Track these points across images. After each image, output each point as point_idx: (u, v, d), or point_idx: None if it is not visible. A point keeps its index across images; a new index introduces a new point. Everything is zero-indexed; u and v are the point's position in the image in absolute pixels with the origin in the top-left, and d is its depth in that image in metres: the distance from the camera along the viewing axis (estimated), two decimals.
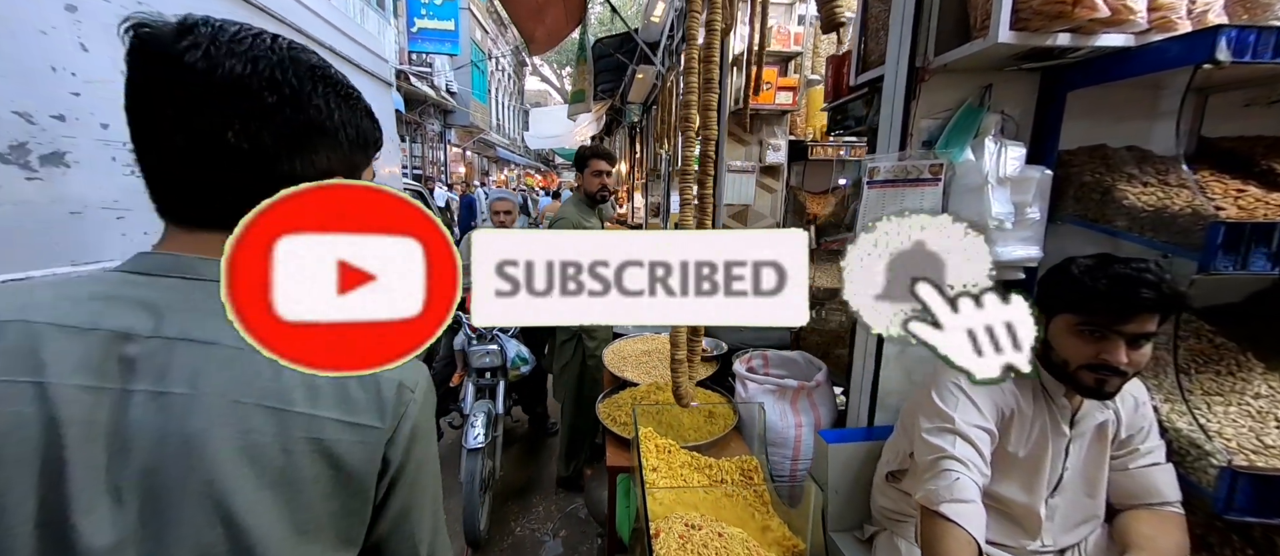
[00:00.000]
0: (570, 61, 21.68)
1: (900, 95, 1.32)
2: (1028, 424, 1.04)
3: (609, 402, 1.73)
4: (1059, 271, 1.00)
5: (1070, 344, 0.96)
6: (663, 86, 4.05)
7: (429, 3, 9.51)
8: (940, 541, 0.84)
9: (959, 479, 0.91)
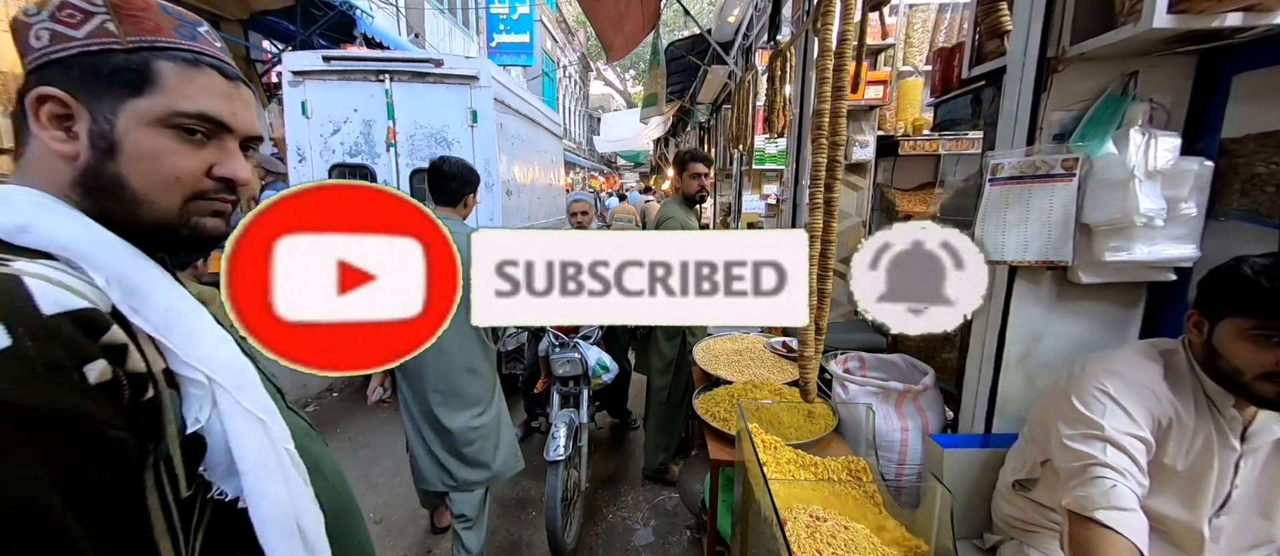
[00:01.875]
0: (634, 65, 22.02)
1: (1028, 87, 1.26)
2: (1189, 435, 0.96)
3: (706, 399, 1.79)
4: (1227, 272, 0.91)
5: (1243, 351, 0.88)
6: (739, 85, 4.04)
7: (506, 18, 10.10)
8: (1099, 550, 0.81)
9: (1115, 486, 0.86)
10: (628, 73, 25.29)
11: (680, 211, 2.47)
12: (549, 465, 1.96)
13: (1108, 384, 0.97)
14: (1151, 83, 1.19)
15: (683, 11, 4.98)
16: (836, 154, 0.85)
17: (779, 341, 2.22)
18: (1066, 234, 1.23)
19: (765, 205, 6.03)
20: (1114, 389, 0.96)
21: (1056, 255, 1.25)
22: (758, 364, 2.07)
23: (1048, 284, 1.32)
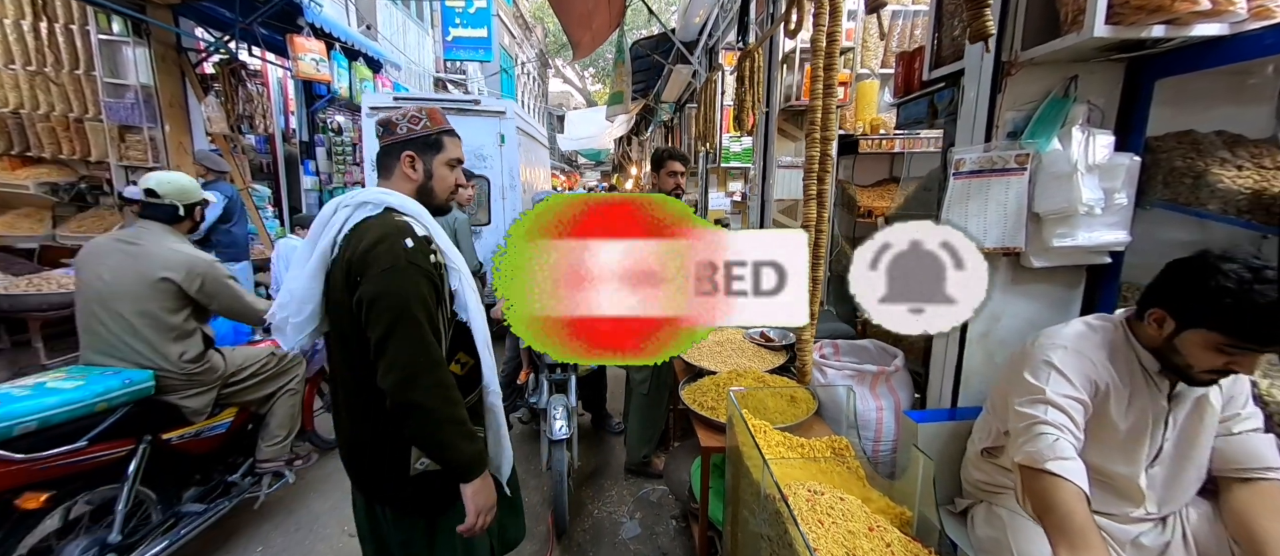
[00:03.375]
0: (594, 63, 21.89)
1: (986, 89, 1.37)
2: (1126, 398, 1.09)
3: (692, 389, 1.84)
4: (1197, 278, 0.94)
5: (1205, 358, 0.95)
6: (705, 85, 4.13)
7: (463, 12, 9.80)
8: (1051, 495, 0.91)
9: (1057, 439, 0.97)
10: (587, 70, 25.10)
11: None
12: (553, 444, 2.08)
13: (1052, 356, 1.09)
14: (1089, 86, 1.33)
15: (647, 10, 5.01)
16: (828, 148, 0.91)
17: (757, 331, 2.30)
18: (1020, 222, 1.36)
19: (731, 202, 6.18)
20: (1057, 359, 1.07)
21: (1012, 242, 1.37)
22: (738, 354, 2.14)
23: (1004, 268, 1.45)
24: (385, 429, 1.09)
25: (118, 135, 4.78)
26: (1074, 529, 0.85)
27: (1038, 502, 0.95)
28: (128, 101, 4.70)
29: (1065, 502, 0.88)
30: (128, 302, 1.74)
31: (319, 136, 7.33)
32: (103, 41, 4.61)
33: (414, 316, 1.00)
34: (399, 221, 1.07)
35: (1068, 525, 0.86)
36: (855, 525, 0.99)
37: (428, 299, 1.03)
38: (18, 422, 1.43)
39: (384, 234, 1.03)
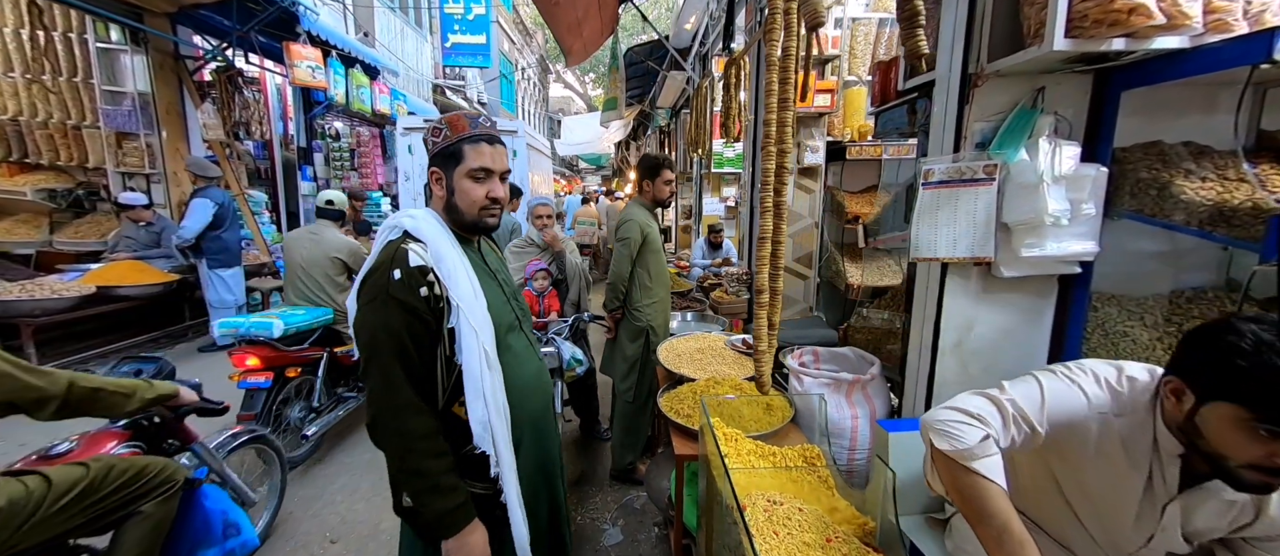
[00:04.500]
0: (594, 68, 22.00)
1: (954, 100, 1.38)
2: (1118, 463, 0.95)
3: (670, 396, 1.84)
4: (1216, 346, 0.80)
5: (1233, 439, 0.79)
6: (697, 91, 4.16)
7: (461, 19, 9.87)
8: (984, 500, 0.88)
9: (988, 437, 0.91)
10: (587, 75, 25.22)
11: (643, 213, 2.52)
12: None
13: (1045, 378, 1.01)
14: (1056, 97, 1.34)
15: (641, 17, 5.05)
16: (785, 160, 0.92)
17: (738, 339, 2.30)
18: (989, 232, 1.37)
19: (724, 208, 6.20)
20: (1048, 382, 1.00)
21: (981, 251, 1.38)
22: (719, 361, 2.14)
23: (975, 278, 1.46)
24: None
25: (115, 142, 4.83)
26: (1014, 542, 0.84)
27: (968, 506, 0.91)
28: (125, 108, 4.75)
29: (1001, 511, 0.87)
30: (316, 269, 2.95)
31: (317, 142, 7.37)
32: (101, 49, 4.67)
33: (382, 356, 0.96)
34: (400, 250, 1.02)
35: (1006, 538, 0.85)
36: (810, 536, 0.99)
37: (402, 335, 0.96)
38: (289, 328, 2.57)
39: (379, 262, 1.02)
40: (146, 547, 1.32)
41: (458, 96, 11.24)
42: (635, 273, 2.48)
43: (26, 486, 1.15)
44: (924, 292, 1.54)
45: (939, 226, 1.41)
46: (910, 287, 1.66)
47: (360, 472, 2.76)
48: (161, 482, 1.36)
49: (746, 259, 3.56)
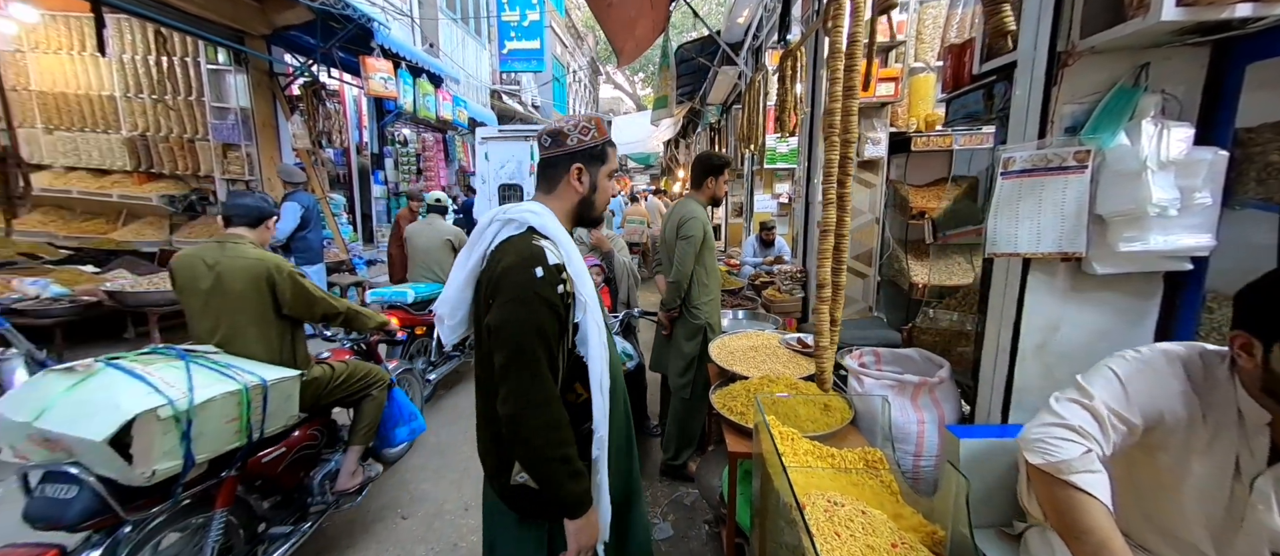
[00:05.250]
0: (643, 67, 22.10)
1: (1039, 81, 1.28)
2: (1204, 443, 0.91)
3: (723, 394, 1.83)
4: (1274, 282, 0.82)
5: None
6: (749, 86, 4.07)
7: (517, 25, 10.25)
8: (1081, 516, 0.82)
9: (1089, 450, 0.86)
10: (637, 75, 25.38)
11: (703, 211, 2.53)
12: None
13: (1117, 366, 0.97)
14: (1163, 74, 1.20)
15: (692, 14, 5.02)
16: (848, 151, 0.89)
17: (794, 337, 2.24)
18: (1080, 225, 1.25)
19: (777, 204, 6.04)
20: (1122, 370, 0.95)
21: (1070, 246, 1.26)
22: (773, 359, 2.10)
23: (1063, 275, 1.34)
24: (498, 437, 1.12)
25: (221, 152, 5.44)
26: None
27: (1063, 520, 0.86)
28: (229, 122, 5.34)
29: (1100, 528, 0.80)
30: (434, 252, 3.78)
31: (387, 148, 7.92)
32: (210, 71, 5.27)
33: (532, 352, 0.99)
34: (535, 246, 1.03)
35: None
36: (877, 540, 0.95)
37: (549, 333, 1.00)
38: (418, 297, 3.38)
39: (518, 259, 1.02)
40: (373, 416, 2.17)
41: (513, 101, 11.68)
42: (694, 270, 2.48)
43: (330, 368, 2.08)
44: (1002, 291, 1.43)
45: (1020, 219, 1.30)
46: (985, 286, 1.55)
47: (428, 454, 2.95)
48: (377, 380, 2.20)
49: (801, 256, 3.46)
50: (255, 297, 1.83)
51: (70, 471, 1.30)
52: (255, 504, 1.80)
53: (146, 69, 5.32)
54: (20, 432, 1.28)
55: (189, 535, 1.61)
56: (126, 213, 5.53)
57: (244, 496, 1.74)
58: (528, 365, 0.99)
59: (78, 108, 5.49)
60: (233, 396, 1.50)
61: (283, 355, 1.88)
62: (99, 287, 3.92)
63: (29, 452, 1.31)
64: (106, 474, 1.31)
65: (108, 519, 1.35)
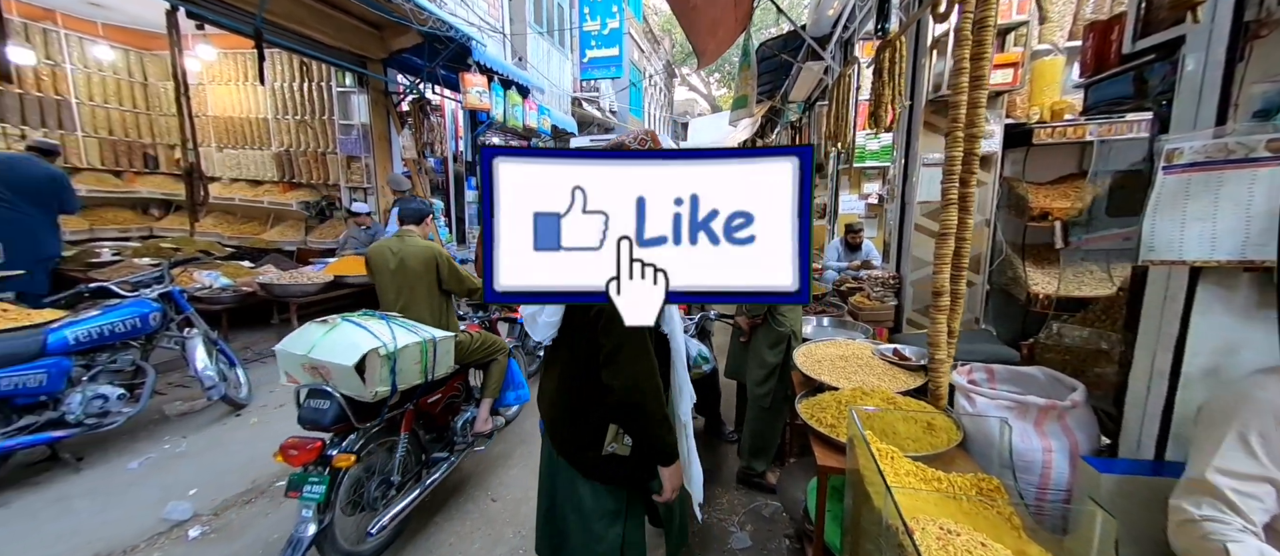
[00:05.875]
0: (719, 68, 21.84)
1: (1218, 57, 1.08)
2: None
3: (811, 404, 1.75)
4: None
5: None
6: (837, 81, 3.86)
7: (598, 34, 10.60)
8: None
9: (1244, 529, 0.76)
10: (712, 76, 25.13)
11: None
12: None
13: (1238, 425, 0.83)
14: None
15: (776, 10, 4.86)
16: (974, 146, 0.81)
17: (889, 348, 2.09)
18: (1271, 228, 1.03)
19: (865, 205, 5.67)
20: (1244, 426, 0.82)
21: (1258, 254, 1.05)
22: (865, 370, 1.97)
23: (1245, 287, 1.11)
24: (588, 414, 1.33)
25: (345, 164, 6.22)
26: None
27: None
28: (353, 137, 6.08)
29: None
30: None
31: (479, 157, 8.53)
32: (339, 93, 6.05)
33: (641, 333, 1.18)
34: None
35: None
36: None
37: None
38: None
39: None
40: (498, 376, 2.65)
41: (592, 107, 12.09)
42: None
43: (470, 336, 2.53)
44: (1159, 306, 1.22)
45: (1187, 221, 1.11)
46: (1135, 299, 1.33)
47: (514, 443, 3.14)
48: (500, 348, 2.68)
49: (894, 261, 3.21)
50: (426, 275, 2.49)
51: (326, 390, 1.89)
52: (422, 434, 2.37)
53: (292, 94, 6.23)
54: (297, 362, 1.90)
55: (385, 450, 2.16)
56: (273, 217, 6.51)
57: (416, 428, 2.29)
58: (639, 344, 1.20)
59: (240, 129, 6.56)
60: (418, 346, 2.03)
61: (442, 321, 2.53)
62: (254, 280, 4.65)
63: (299, 377, 1.95)
64: (348, 393, 1.89)
65: (346, 426, 1.93)
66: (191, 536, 2.26)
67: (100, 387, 2.71)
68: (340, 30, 5.23)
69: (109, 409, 2.72)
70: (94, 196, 5.71)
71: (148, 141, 6.43)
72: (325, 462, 1.85)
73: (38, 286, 3.75)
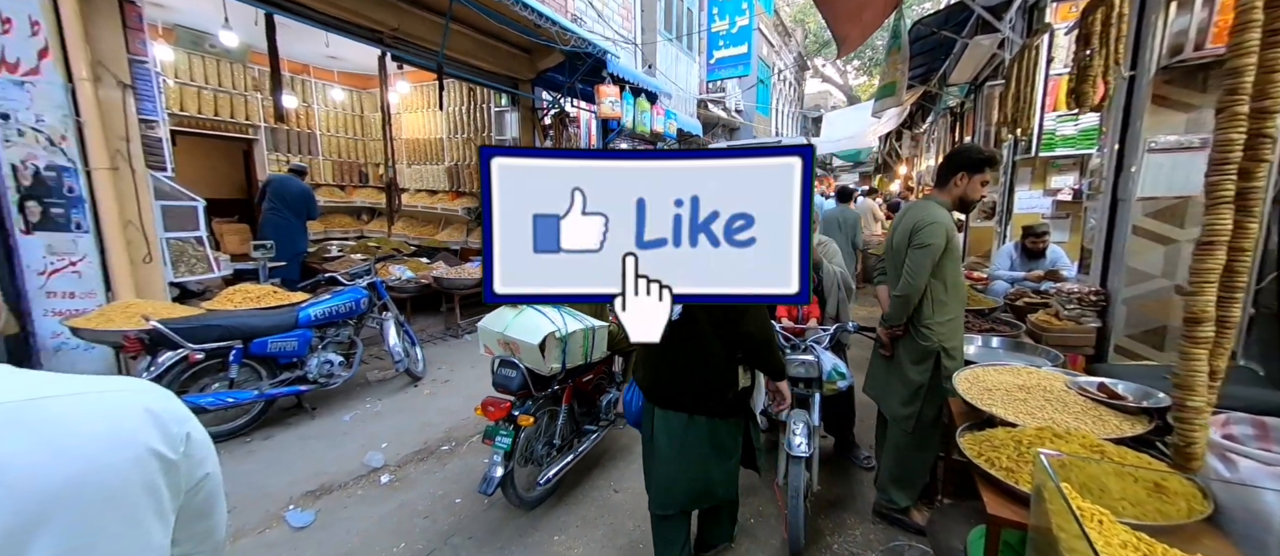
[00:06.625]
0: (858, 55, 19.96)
1: None
2: None
3: (977, 440, 1.48)
4: None
5: None
6: (1019, 55, 3.22)
7: (727, 33, 10.46)
8: None
9: None
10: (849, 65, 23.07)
11: (946, 215, 2.13)
12: (791, 459, 2.01)
13: None
14: None
15: None
16: (1266, 125, 0.59)
17: (1092, 381, 1.68)
18: None
19: (1052, 203, 4.67)
20: None
21: None
22: (1055, 406, 1.61)
23: None
24: (726, 364, 1.74)
25: None
26: None
27: None
28: None
29: None
30: None
31: None
32: (496, 112, 6.92)
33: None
34: None
35: None
36: None
37: None
38: None
39: None
40: (637, 362, 2.90)
41: (717, 108, 11.99)
42: (929, 283, 2.11)
43: (618, 325, 3.27)
44: None
45: None
46: None
47: (635, 439, 3.25)
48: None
49: (1098, 272, 2.58)
50: None
51: (513, 361, 2.31)
52: (577, 408, 2.73)
53: (461, 116, 7.32)
54: (494, 337, 2.36)
55: (550, 418, 2.55)
56: (443, 221, 7.71)
57: (573, 401, 2.65)
58: (764, 307, 1.75)
59: (423, 148, 7.90)
60: (583, 332, 2.41)
61: (596, 312, 2.74)
62: (430, 274, 5.56)
63: (494, 349, 2.40)
64: (530, 366, 2.29)
65: (527, 393, 2.32)
66: (383, 482, 2.78)
67: (329, 355, 3.49)
68: (499, 57, 5.99)
69: (334, 372, 3.49)
70: (328, 206, 7.39)
71: (361, 161, 8.11)
72: (511, 420, 2.25)
73: (292, 274, 5.00)
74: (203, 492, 0.62)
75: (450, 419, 3.47)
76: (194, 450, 0.59)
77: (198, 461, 0.60)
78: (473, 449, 3.13)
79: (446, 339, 5.41)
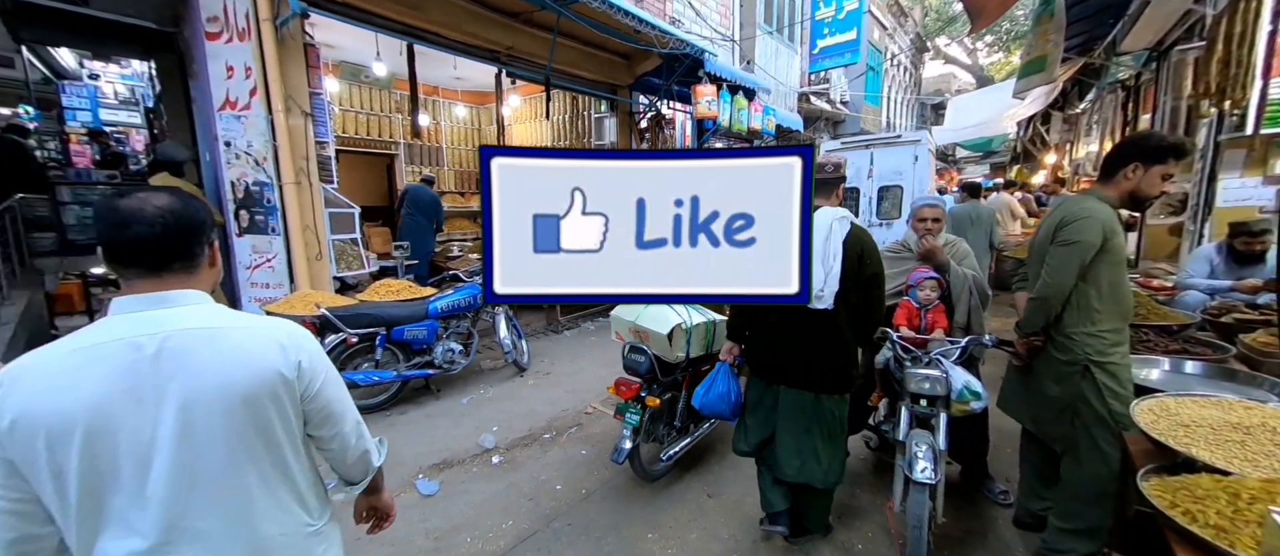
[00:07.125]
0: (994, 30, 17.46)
1: None
2: None
3: (1169, 486, 1.20)
4: None
5: None
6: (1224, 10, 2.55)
7: (832, 20, 9.79)
8: None
9: None
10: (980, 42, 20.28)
11: (1106, 211, 1.77)
12: (914, 486, 1.81)
13: None
14: None
15: None
16: None
17: None
18: None
19: (1276, 193, 3.66)
20: None
21: None
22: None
23: None
24: (846, 348, 1.92)
25: None
26: None
27: None
28: None
29: None
30: None
31: None
32: (596, 118, 7.23)
33: (883, 282, 1.92)
34: (863, 229, 1.88)
35: None
36: None
37: None
38: None
39: (862, 234, 1.85)
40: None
41: (820, 101, 11.27)
42: (1077, 287, 1.78)
43: (714, 321, 2.72)
44: None
45: None
46: None
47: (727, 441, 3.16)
48: None
49: None
50: None
51: (643, 348, 2.55)
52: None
53: (565, 124, 7.77)
54: (626, 325, 2.62)
55: (670, 402, 2.73)
56: None
57: (689, 389, 2.75)
58: (881, 291, 1.92)
59: None
60: (705, 325, 2.61)
61: (713, 309, 2.89)
62: None
63: (625, 336, 2.67)
64: (657, 353, 2.52)
65: (653, 377, 2.54)
66: (494, 462, 3.04)
67: (451, 343, 3.91)
68: (599, 65, 6.24)
69: (455, 359, 3.91)
70: (450, 211, 8.29)
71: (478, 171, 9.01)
72: (639, 400, 2.47)
73: (423, 271, 5.68)
74: (319, 402, 0.92)
75: (552, 409, 3.69)
76: (304, 374, 0.89)
77: (308, 380, 0.90)
78: (571, 439, 3.30)
79: (548, 334, 5.76)
